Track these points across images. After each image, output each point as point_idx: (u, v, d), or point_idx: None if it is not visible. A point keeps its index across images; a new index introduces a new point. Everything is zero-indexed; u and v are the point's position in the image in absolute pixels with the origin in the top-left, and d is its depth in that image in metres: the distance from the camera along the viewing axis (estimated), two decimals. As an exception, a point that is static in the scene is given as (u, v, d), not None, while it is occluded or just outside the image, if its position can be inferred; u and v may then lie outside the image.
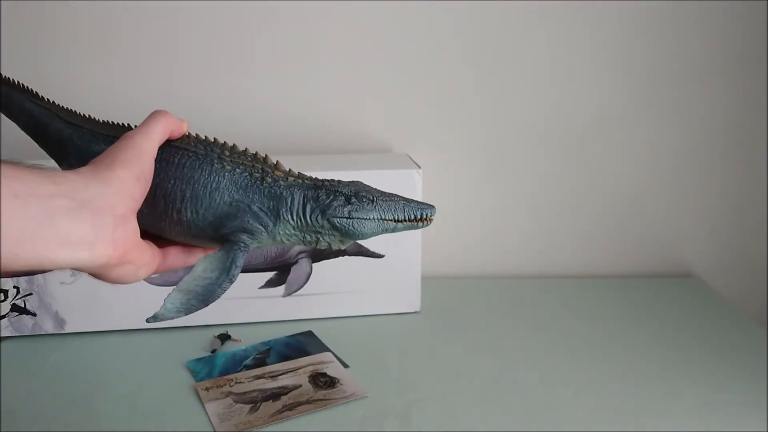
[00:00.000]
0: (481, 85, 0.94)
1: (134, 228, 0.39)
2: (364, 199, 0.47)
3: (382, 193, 0.49)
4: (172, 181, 0.46)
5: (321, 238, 0.48)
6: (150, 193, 0.43)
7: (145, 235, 0.43)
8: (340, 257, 0.83)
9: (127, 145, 0.42)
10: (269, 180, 0.47)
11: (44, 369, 0.74)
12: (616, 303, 0.91)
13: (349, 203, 0.47)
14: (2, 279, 0.78)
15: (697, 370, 0.74)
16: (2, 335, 0.79)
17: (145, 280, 0.64)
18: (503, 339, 0.81)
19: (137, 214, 0.41)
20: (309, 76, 0.92)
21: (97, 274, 0.39)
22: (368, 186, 0.49)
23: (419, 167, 0.83)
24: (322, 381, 0.71)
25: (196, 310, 0.47)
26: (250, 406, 0.67)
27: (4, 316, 0.79)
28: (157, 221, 0.46)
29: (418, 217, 0.48)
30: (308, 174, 0.49)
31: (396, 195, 0.49)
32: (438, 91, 0.94)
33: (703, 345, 0.80)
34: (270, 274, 0.83)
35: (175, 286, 0.46)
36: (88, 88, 0.91)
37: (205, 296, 0.46)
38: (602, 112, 0.95)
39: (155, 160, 0.44)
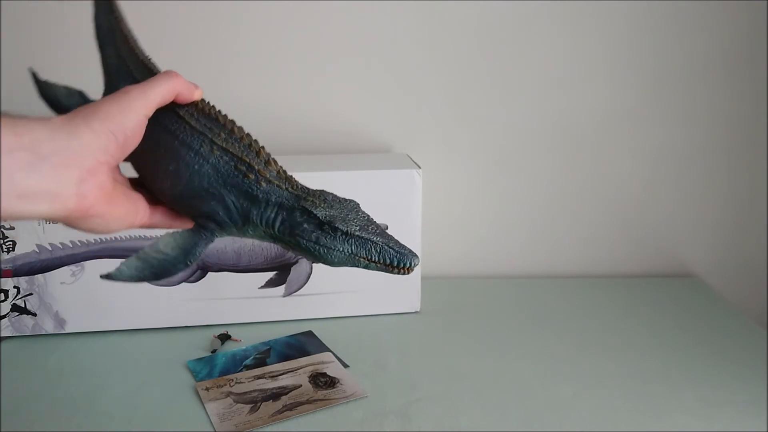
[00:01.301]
0: (482, 85, 0.94)
1: (102, 182, 0.39)
2: (338, 231, 0.44)
3: (368, 227, 0.45)
4: (162, 150, 0.45)
5: (293, 248, 0.46)
6: (142, 151, 0.43)
7: (142, 187, 0.44)
8: (340, 257, 0.83)
9: (118, 99, 0.41)
10: (252, 177, 0.44)
11: (44, 369, 0.74)
12: (616, 303, 0.91)
13: (320, 229, 0.44)
14: (2, 279, 0.78)
15: (697, 370, 0.74)
16: (2, 335, 0.79)
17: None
18: (503, 339, 0.81)
19: (134, 165, 0.41)
20: (309, 76, 0.92)
21: (66, 224, 0.39)
22: (360, 212, 0.46)
23: (419, 167, 0.83)
24: (322, 381, 0.71)
25: (147, 282, 0.46)
26: (250, 406, 0.67)
27: (4, 316, 0.79)
28: (148, 180, 0.46)
29: (395, 264, 0.44)
30: (311, 173, 0.48)
31: (384, 234, 0.45)
32: (438, 91, 0.94)
33: (703, 345, 0.80)
34: (270, 274, 0.83)
35: (136, 252, 0.45)
36: (88, 88, 0.91)
37: (159, 272, 0.45)
38: (602, 113, 0.95)
39: (154, 122, 0.43)
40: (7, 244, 0.77)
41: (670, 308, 0.90)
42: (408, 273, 0.44)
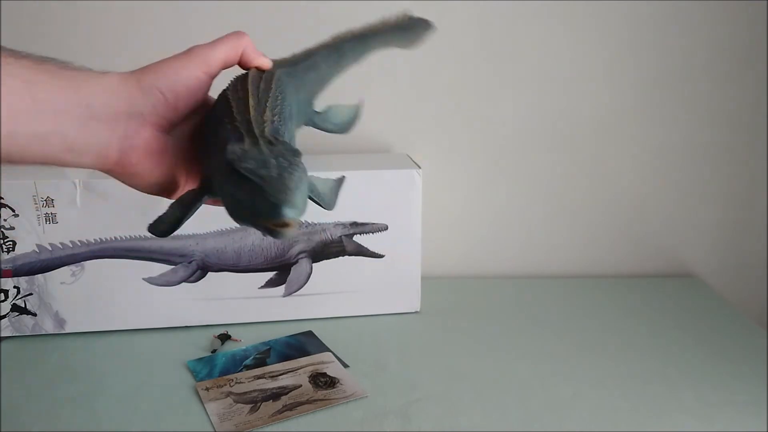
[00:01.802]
0: (482, 85, 0.94)
1: (147, 141, 0.38)
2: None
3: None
4: (204, 127, 0.42)
5: None
6: (194, 121, 0.41)
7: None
8: (340, 257, 0.83)
9: (177, 57, 0.41)
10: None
11: (44, 369, 0.74)
12: (616, 303, 0.91)
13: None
14: (2, 279, 0.78)
15: (697, 370, 0.74)
16: (2, 335, 0.79)
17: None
18: (503, 339, 0.81)
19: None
20: (309, 76, 0.92)
21: (111, 176, 0.40)
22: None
23: (419, 167, 0.83)
24: (322, 381, 0.71)
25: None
26: (251, 406, 0.67)
27: (4, 316, 0.79)
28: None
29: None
30: (311, 173, 0.45)
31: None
32: (438, 91, 0.94)
33: (703, 345, 0.80)
34: (270, 274, 0.83)
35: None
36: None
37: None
38: (602, 113, 0.95)
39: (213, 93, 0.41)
40: (7, 244, 0.77)
41: (670, 308, 0.90)
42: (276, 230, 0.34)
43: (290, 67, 0.50)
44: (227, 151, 0.35)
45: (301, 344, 0.79)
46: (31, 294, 0.79)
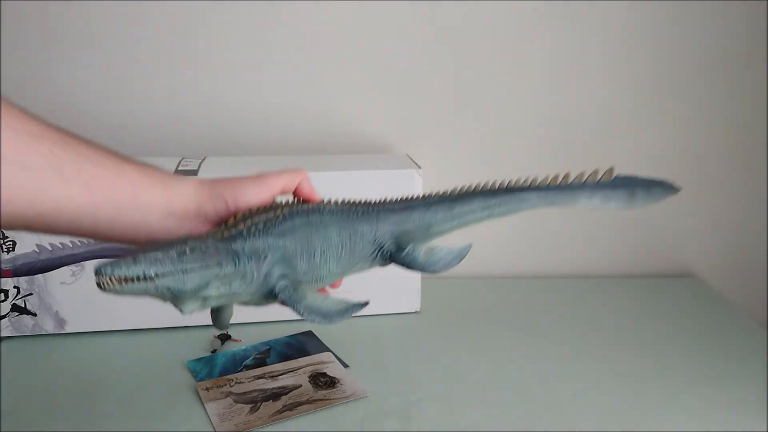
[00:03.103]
0: (482, 85, 0.94)
1: (190, 233, 0.47)
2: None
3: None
4: None
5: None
6: None
7: None
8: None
9: (251, 178, 0.50)
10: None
11: (44, 369, 0.74)
12: (616, 303, 0.91)
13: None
14: (2, 279, 0.78)
15: (697, 370, 0.74)
16: (2, 335, 0.79)
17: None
18: (503, 339, 0.81)
19: None
20: (309, 76, 0.92)
21: None
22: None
23: (419, 167, 0.83)
24: (322, 381, 0.71)
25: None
26: (251, 406, 0.67)
27: (4, 316, 0.79)
28: None
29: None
30: (311, 173, 0.49)
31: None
32: (438, 91, 0.94)
33: (703, 345, 0.80)
34: (270, 274, 0.83)
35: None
36: (89, 87, 0.91)
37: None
38: (602, 113, 0.95)
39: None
40: (7, 244, 0.77)
41: (670, 308, 0.90)
42: (98, 284, 0.39)
43: (358, 206, 0.54)
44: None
45: (301, 344, 0.79)
46: (31, 294, 0.79)
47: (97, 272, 0.39)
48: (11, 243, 0.77)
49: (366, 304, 0.51)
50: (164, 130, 0.92)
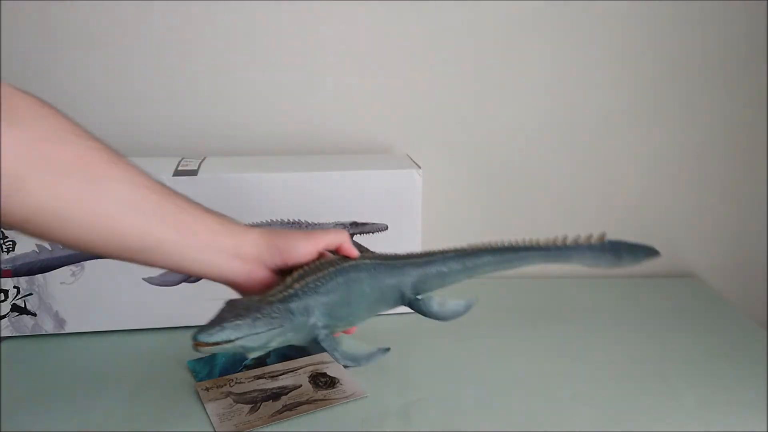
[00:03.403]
0: (482, 85, 0.94)
1: (261, 276, 0.58)
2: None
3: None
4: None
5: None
6: None
7: None
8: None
9: (303, 234, 0.60)
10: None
11: (44, 369, 0.74)
12: (616, 303, 0.91)
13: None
14: (2, 279, 0.78)
15: (697, 370, 0.74)
16: (2, 335, 0.79)
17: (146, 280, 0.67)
18: (503, 339, 0.81)
19: None
20: (309, 76, 0.92)
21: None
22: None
23: (419, 167, 0.83)
24: (322, 381, 0.71)
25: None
26: (251, 406, 0.67)
27: (4, 316, 0.79)
28: None
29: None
30: (312, 172, 0.50)
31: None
32: (438, 91, 0.94)
33: (703, 345, 0.80)
34: (270, 274, 0.83)
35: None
36: (89, 87, 0.91)
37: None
38: (602, 113, 0.95)
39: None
40: (7, 244, 0.77)
41: (670, 308, 0.90)
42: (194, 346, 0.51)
43: (387, 261, 0.64)
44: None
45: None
46: (31, 294, 0.79)
47: (194, 339, 0.51)
48: (11, 243, 0.77)
49: (388, 350, 0.64)
50: (164, 130, 0.92)
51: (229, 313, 0.52)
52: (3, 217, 0.45)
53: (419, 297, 0.66)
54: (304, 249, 0.59)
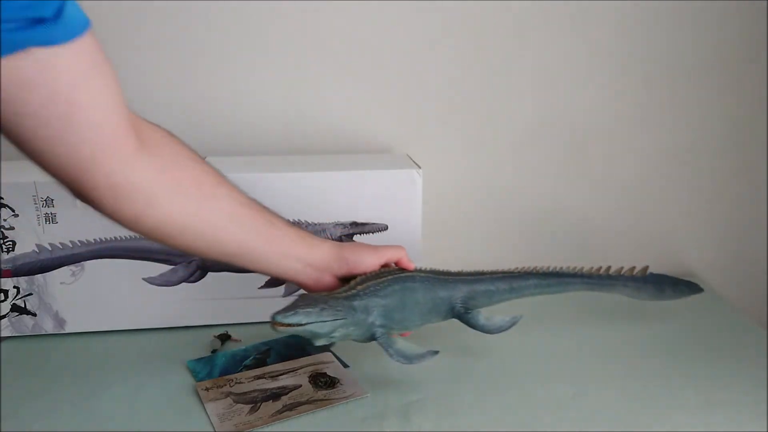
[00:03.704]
0: (482, 85, 0.93)
1: (328, 282, 0.67)
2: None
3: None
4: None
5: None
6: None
7: None
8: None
9: (371, 248, 0.69)
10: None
11: (44, 369, 0.74)
12: (616, 303, 0.91)
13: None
14: (2, 279, 0.78)
15: (697, 370, 0.74)
16: (2, 335, 0.79)
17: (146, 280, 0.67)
18: (503, 339, 0.81)
19: None
20: (309, 76, 0.92)
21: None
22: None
23: (419, 167, 0.83)
24: (322, 381, 0.71)
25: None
26: (250, 406, 0.67)
27: (4, 316, 0.79)
28: None
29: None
30: (312, 172, 0.50)
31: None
32: (438, 91, 0.94)
33: (703, 345, 0.80)
34: (270, 274, 0.83)
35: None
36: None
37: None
38: (602, 113, 0.95)
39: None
40: (7, 244, 0.77)
41: (670, 308, 0.90)
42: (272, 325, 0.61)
43: (440, 275, 0.72)
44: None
45: (301, 344, 0.79)
46: (31, 294, 0.79)
47: (272, 319, 0.60)
48: (11, 243, 0.77)
49: (437, 353, 0.68)
50: (164, 130, 0.92)
51: (302, 302, 0.61)
52: (136, 227, 0.55)
53: (468, 311, 0.72)
54: (369, 261, 0.68)
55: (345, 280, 0.68)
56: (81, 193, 0.52)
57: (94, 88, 0.49)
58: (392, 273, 0.68)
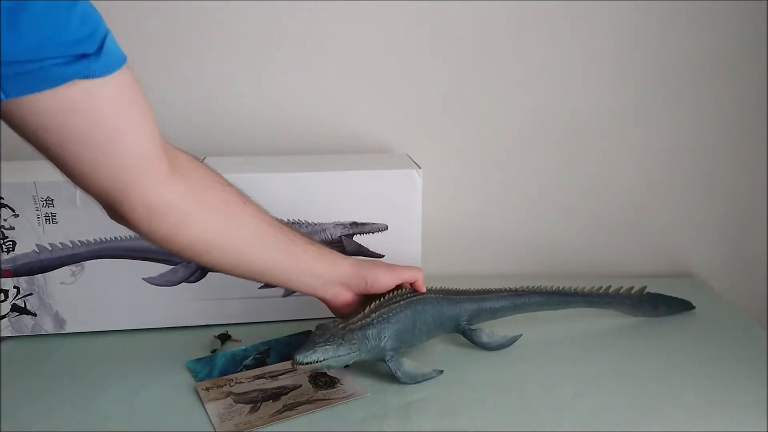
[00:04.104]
0: (481, 85, 0.94)
1: (345, 298, 0.71)
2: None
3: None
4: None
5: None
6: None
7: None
8: (340, 257, 0.84)
9: (389, 267, 0.73)
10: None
11: (44, 369, 0.74)
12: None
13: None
14: (2, 279, 0.78)
15: (697, 370, 0.74)
16: (2, 335, 0.79)
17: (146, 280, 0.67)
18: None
19: None
20: (310, 76, 0.92)
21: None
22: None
23: (419, 167, 0.83)
24: (322, 381, 0.71)
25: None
26: (250, 406, 0.67)
27: (4, 316, 0.79)
28: None
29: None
30: (312, 172, 0.50)
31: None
32: (438, 91, 0.94)
33: (703, 345, 0.80)
34: (270, 274, 0.83)
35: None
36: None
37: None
38: (602, 112, 0.95)
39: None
40: (7, 244, 0.77)
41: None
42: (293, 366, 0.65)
43: (448, 295, 0.76)
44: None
45: (301, 344, 0.79)
46: (31, 294, 0.79)
47: (294, 360, 0.64)
48: (11, 243, 0.77)
49: (442, 372, 0.72)
50: (164, 130, 0.92)
51: (319, 338, 0.66)
52: (170, 245, 0.59)
53: (473, 327, 0.77)
54: (385, 281, 0.71)
55: (365, 296, 0.72)
56: (119, 212, 0.56)
57: (134, 116, 0.53)
58: (405, 297, 0.72)
